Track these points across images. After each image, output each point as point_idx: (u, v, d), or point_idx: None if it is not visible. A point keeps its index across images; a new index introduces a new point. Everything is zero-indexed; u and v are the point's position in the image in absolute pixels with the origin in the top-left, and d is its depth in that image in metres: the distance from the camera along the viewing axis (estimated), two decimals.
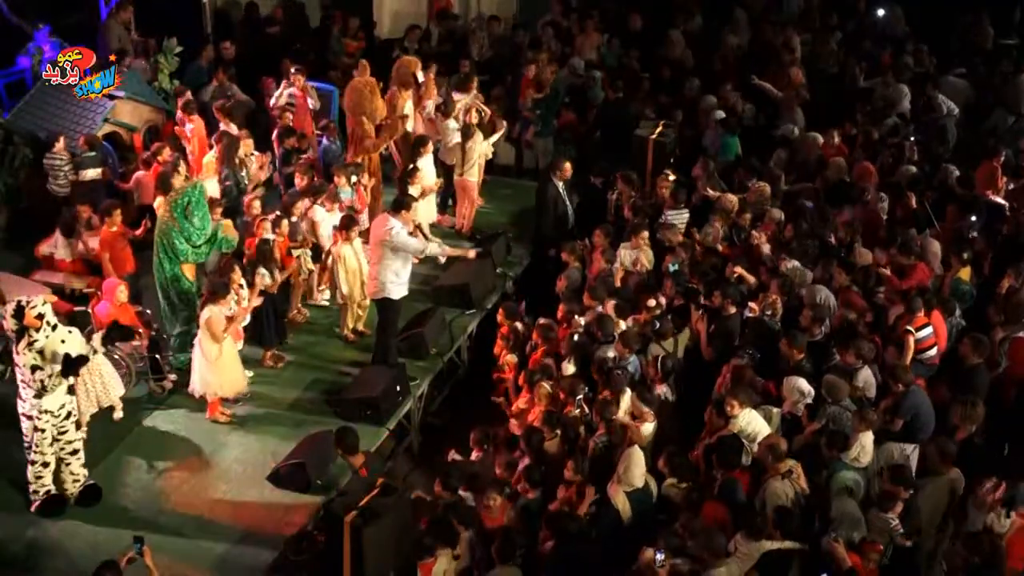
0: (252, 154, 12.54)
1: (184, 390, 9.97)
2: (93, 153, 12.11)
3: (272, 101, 13.28)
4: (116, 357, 9.80)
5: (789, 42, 15.97)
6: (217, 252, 10.63)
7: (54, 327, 8.37)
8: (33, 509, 8.80)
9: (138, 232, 11.18)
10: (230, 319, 9.58)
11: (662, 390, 9.25)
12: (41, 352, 8.28)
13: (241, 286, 10.00)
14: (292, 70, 13.30)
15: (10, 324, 8.34)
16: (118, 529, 8.53)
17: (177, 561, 8.30)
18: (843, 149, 13.30)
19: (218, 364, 9.61)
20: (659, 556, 7.19)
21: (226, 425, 9.93)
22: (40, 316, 8.26)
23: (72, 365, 8.34)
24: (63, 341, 8.38)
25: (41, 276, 11.18)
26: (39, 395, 8.42)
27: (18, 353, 8.36)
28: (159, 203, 10.55)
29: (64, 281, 11.15)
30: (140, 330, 10.10)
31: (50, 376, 8.34)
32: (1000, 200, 12.19)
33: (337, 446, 8.72)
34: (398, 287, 10.29)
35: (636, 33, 17.05)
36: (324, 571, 8.28)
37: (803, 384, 8.93)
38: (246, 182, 12.26)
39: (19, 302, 8.33)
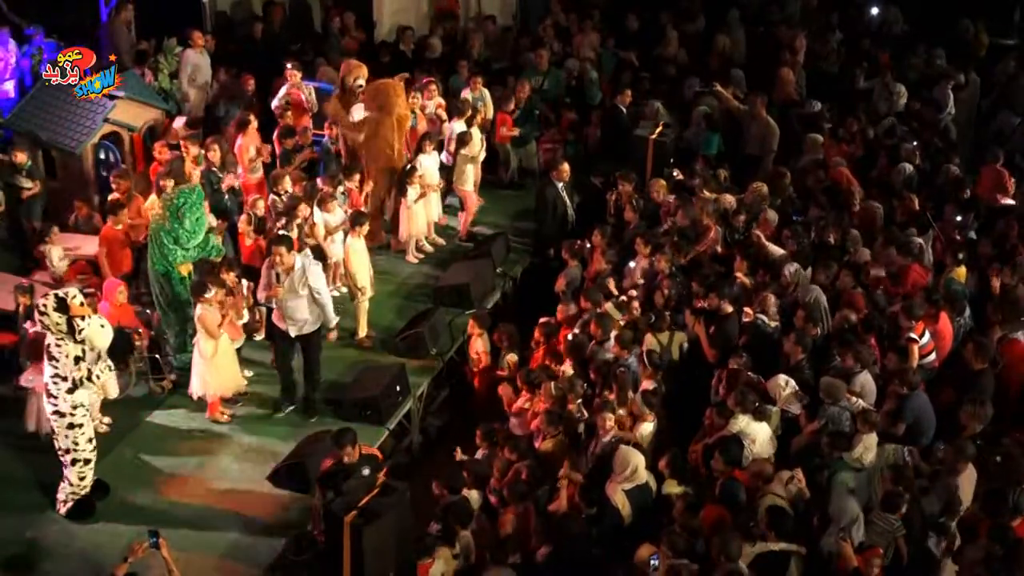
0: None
1: (184, 390, 9.95)
2: (28, 163, 11.81)
3: (274, 102, 13.26)
4: None
5: (792, 43, 15.93)
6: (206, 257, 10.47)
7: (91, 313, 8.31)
8: (63, 511, 8.63)
9: (141, 237, 11.15)
10: (224, 315, 9.57)
11: (650, 385, 9.20)
12: (83, 341, 8.14)
13: (235, 285, 9.97)
14: (287, 66, 13.31)
15: (54, 319, 8.09)
16: (117, 529, 8.55)
17: (176, 562, 8.28)
18: (843, 149, 13.30)
19: (214, 362, 9.59)
20: (653, 562, 7.17)
21: (226, 425, 9.93)
22: (82, 303, 8.14)
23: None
24: (103, 326, 8.28)
25: (41, 276, 11.17)
26: (73, 389, 8.26)
27: (58, 346, 8.16)
28: (152, 202, 10.55)
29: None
30: (140, 330, 10.10)
31: (95, 363, 8.25)
32: (1010, 201, 12.15)
33: (334, 444, 8.68)
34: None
35: (634, 32, 17.04)
36: (324, 571, 8.28)
37: (782, 379, 8.95)
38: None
39: (56, 295, 8.15)
